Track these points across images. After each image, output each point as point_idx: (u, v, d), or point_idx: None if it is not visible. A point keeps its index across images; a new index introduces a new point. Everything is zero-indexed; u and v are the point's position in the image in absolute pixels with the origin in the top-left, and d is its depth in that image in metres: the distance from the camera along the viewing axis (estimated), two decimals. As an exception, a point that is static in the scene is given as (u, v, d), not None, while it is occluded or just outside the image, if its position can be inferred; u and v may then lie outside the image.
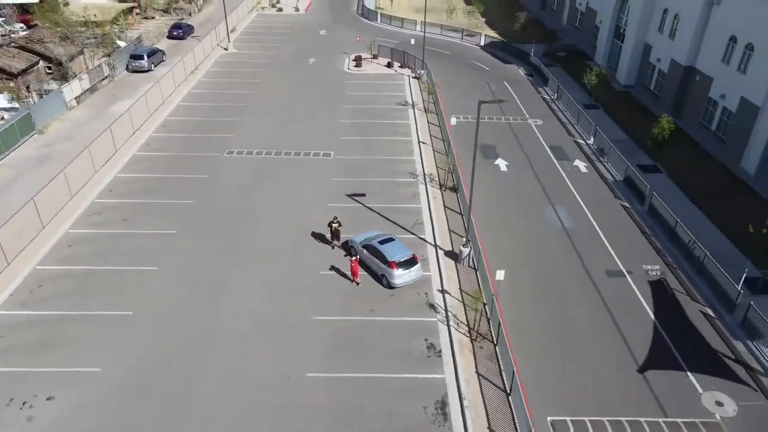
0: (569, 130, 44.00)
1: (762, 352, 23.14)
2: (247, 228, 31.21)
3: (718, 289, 26.20)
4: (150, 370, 22.17)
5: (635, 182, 34.77)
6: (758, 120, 35.86)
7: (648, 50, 48.95)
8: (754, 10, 36.24)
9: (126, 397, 20.94)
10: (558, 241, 30.65)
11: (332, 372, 22.21)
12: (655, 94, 47.88)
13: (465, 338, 23.82)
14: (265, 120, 44.77)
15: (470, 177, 28.02)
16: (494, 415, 20.41)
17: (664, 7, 46.22)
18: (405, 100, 48.99)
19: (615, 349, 23.63)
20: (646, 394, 21.51)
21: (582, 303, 26.14)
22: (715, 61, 40.34)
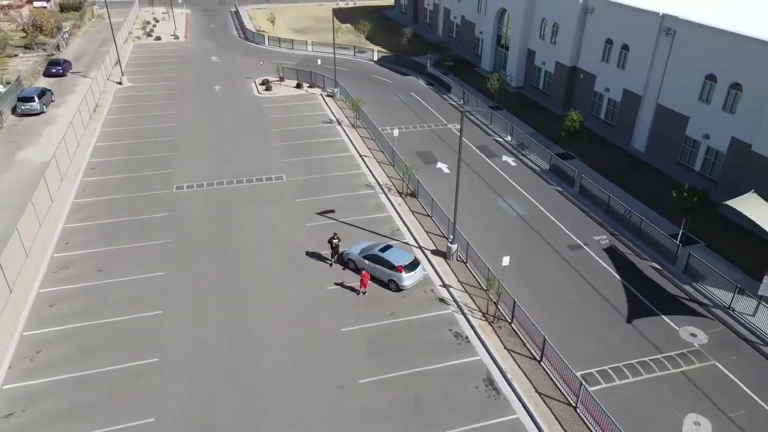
0: (485, 130, 48.96)
1: (705, 290, 28.88)
2: (237, 259, 31.24)
3: (657, 246, 31.89)
4: (206, 410, 22.06)
5: (562, 169, 40.25)
6: (641, 107, 43.37)
7: (532, 55, 55.91)
8: (624, 17, 43.75)
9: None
10: (518, 227, 34.76)
11: (380, 374, 23.79)
12: (544, 92, 54.85)
13: (482, 322, 26.66)
14: (200, 151, 44.00)
15: (427, 182, 31.00)
16: (536, 381, 23.45)
17: (542, 18, 53.30)
18: (329, 118, 50.84)
19: (601, 307, 27.95)
20: (639, 338, 25.97)
21: (560, 274, 30.25)
22: (596, 61, 47.69)
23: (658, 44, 40.76)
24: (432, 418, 21.80)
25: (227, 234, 33.51)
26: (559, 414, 21.89)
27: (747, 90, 34.59)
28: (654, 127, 42.40)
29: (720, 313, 27.51)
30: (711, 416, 22.03)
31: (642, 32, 42.00)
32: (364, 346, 25.29)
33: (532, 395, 22.74)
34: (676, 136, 40.38)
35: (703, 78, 37.51)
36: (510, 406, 22.43)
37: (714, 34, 36.21)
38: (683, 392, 23.11)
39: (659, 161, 42.02)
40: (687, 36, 38.34)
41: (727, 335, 26.20)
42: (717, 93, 36.69)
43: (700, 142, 38.59)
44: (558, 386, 23.13)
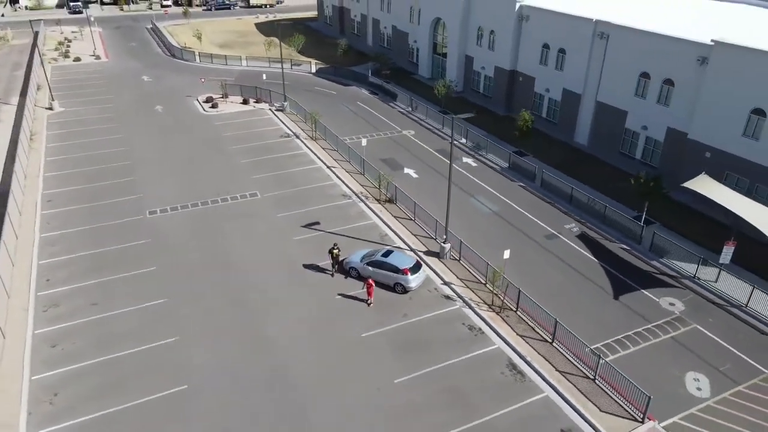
0: (440, 134, 51.22)
1: (672, 264, 32.47)
2: (236, 278, 31.09)
3: (623, 229, 35.32)
4: (253, 428, 22.14)
5: (521, 165, 43.19)
6: (581, 105, 47.42)
7: (470, 61, 59.06)
8: (558, 24, 47.63)
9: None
10: (495, 222, 37.05)
11: (412, 372, 24.92)
12: (486, 95, 58.11)
13: (490, 313, 28.45)
14: (163, 174, 42.81)
15: (404, 189, 32.61)
16: (553, 361, 25.52)
17: (478, 26, 56.56)
18: (286, 132, 51.01)
19: (588, 288, 30.69)
20: (628, 312, 28.86)
21: (544, 262, 32.75)
22: (534, 64, 51.40)
23: (593, 47, 44.87)
24: (473, 405, 23.26)
25: (218, 255, 33.17)
26: (582, 387, 24.07)
27: (678, 85, 39.10)
28: (595, 122, 46.53)
29: (688, 282, 31.09)
30: (705, 372, 25.13)
31: (577, 37, 46.01)
32: (389, 348, 26.29)
33: (553, 374, 24.79)
34: (617, 129, 44.61)
35: (638, 76, 41.84)
36: (537, 386, 24.35)
37: (645, 36, 40.58)
38: (677, 354, 26.10)
39: (602, 153, 46.14)
40: (620, 39, 42.58)
41: (698, 301, 29.73)
42: (651, 88, 41.09)
43: (639, 133, 42.95)
44: (574, 363, 25.36)
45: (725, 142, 36.16)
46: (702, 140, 37.60)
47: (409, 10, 67.62)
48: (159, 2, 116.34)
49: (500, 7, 53.05)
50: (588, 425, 22.44)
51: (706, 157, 37.39)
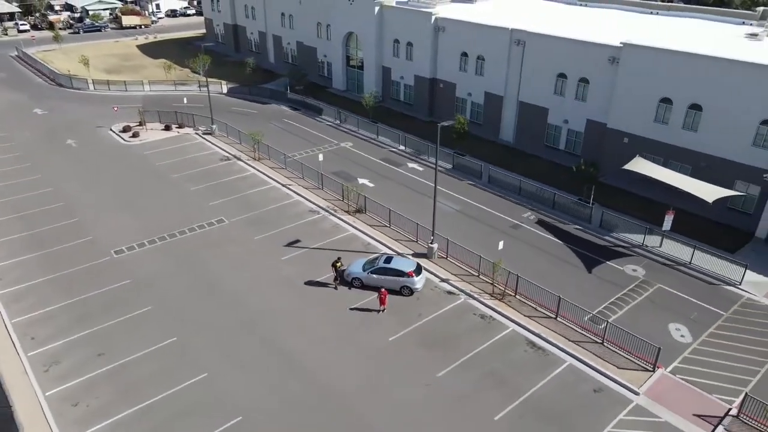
0: (377, 144, 53.13)
1: (621, 236, 37.40)
2: (241, 305, 30.73)
3: (572, 212, 39.85)
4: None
5: (467, 165, 46.55)
6: (504, 105, 52.09)
7: (388, 71, 61.78)
8: (475, 34, 51.91)
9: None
10: (461, 219, 39.79)
11: (449, 365, 26.69)
12: (407, 103, 61.11)
13: (495, 301, 31.03)
14: (110, 211, 40.29)
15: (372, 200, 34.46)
16: (564, 334, 28.64)
17: (394, 38, 59.46)
18: (225, 155, 49.93)
19: (564, 266, 34.45)
20: (603, 281, 32.96)
21: (517, 249, 36.00)
22: (454, 71, 55.32)
23: (511, 53, 49.63)
24: (514, 383, 25.60)
25: (211, 285, 32.35)
26: (596, 352, 27.42)
27: (593, 82, 44.80)
28: (519, 120, 51.38)
29: (639, 250, 36.13)
30: (681, 321, 29.74)
31: (495, 44, 50.54)
32: (419, 347, 27.80)
33: (569, 344, 27.91)
34: (540, 125, 49.72)
35: (555, 76, 47.14)
36: (558, 357, 27.29)
37: (560, 41, 45.93)
38: (654, 311, 30.51)
39: (529, 147, 51.07)
40: (536, 44, 47.64)
41: (653, 265, 34.75)
42: (569, 87, 46.54)
43: (561, 127, 48.33)
44: (581, 333, 28.70)
45: (640, 128, 42.21)
46: (620, 128, 43.48)
47: (317, 26, 68.86)
48: (15, 27, 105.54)
49: (416, 21, 56.39)
50: (613, 381, 25.78)
51: (624, 143, 43.29)
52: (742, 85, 36.38)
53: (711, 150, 38.77)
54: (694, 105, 39.01)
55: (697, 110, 39.00)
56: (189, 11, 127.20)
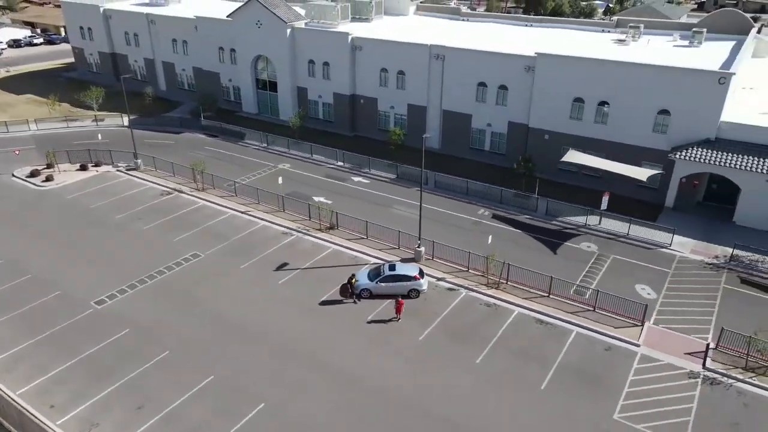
0: (313, 162, 54.04)
1: (565, 220, 42.87)
2: (262, 335, 30.77)
3: (520, 204, 44.67)
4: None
5: (410, 173, 49.59)
6: (428, 115, 56.12)
7: (304, 91, 62.86)
8: (393, 51, 55.34)
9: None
10: (426, 222, 42.50)
11: (482, 350, 29.47)
12: (328, 121, 62.67)
13: (492, 290, 34.30)
14: (66, 260, 37.26)
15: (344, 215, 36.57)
16: (560, 308, 32.68)
17: (309, 59, 60.81)
18: (164, 190, 47.68)
19: (531, 251, 38.81)
20: (569, 260, 37.82)
21: (486, 242, 39.39)
22: (374, 87, 58.19)
23: (432, 67, 53.78)
24: (541, 356, 29.06)
25: (221, 319, 31.76)
26: (592, 318, 31.85)
27: (512, 89, 50.39)
28: (444, 127, 55.68)
29: (584, 230, 41.82)
30: (642, 282, 35.39)
31: (414, 60, 54.36)
32: (448, 340, 30.17)
33: (569, 316, 32.04)
34: (464, 130, 54.44)
35: (476, 85, 52.11)
36: (565, 328, 31.27)
37: (478, 54, 50.97)
38: (619, 277, 35.86)
39: (455, 151, 55.53)
40: (455, 58, 52.25)
41: (600, 240, 40.50)
42: (489, 94, 51.74)
43: (485, 130, 53.45)
44: (574, 305, 33.01)
45: (558, 125, 48.48)
46: (540, 127, 49.46)
47: (218, 50, 67.69)
48: None
49: (332, 41, 58.41)
50: (616, 340, 30.31)
51: (545, 139, 49.38)
52: (641, 82, 43.78)
53: (619, 138, 45.92)
54: (603, 102, 45.97)
55: (605, 106, 46.03)
56: (36, 40, 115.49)
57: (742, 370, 28.08)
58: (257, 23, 61.69)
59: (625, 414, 25.60)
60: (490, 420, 25.34)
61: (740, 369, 28.12)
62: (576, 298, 33.58)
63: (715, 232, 41.23)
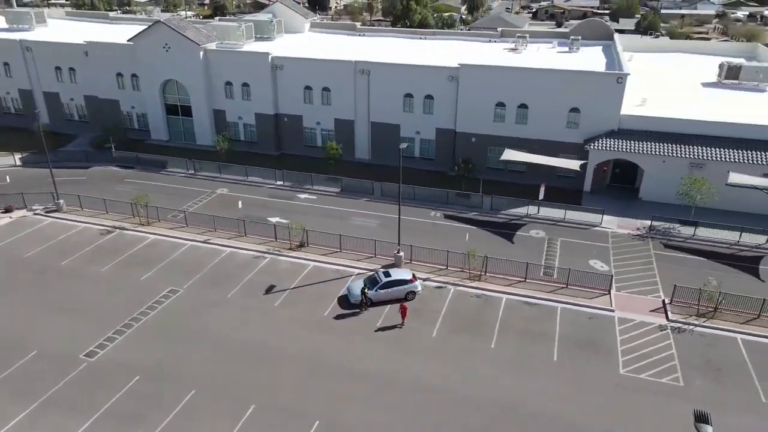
0: (250, 184, 53.26)
1: (509, 212, 47.38)
2: (289, 359, 30.90)
3: (467, 204, 48.40)
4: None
5: (356, 185, 51.16)
6: (356, 128, 58.08)
7: (222, 114, 61.42)
8: (317, 68, 56.56)
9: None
10: (387, 229, 44.27)
11: (492, 338, 32.25)
12: (249, 141, 61.78)
13: (475, 282, 37.30)
14: (27, 317, 33.75)
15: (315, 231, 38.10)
16: (539, 289, 36.58)
17: (226, 81, 59.66)
18: (103, 229, 44.27)
19: (493, 242, 42.53)
20: (526, 246, 42.14)
21: (448, 240, 42.49)
22: (298, 104, 58.83)
23: (357, 82, 55.86)
24: (542, 332, 32.70)
25: (234, 350, 31.26)
26: (569, 293, 36.17)
27: (437, 98, 54.19)
28: (373, 138, 57.99)
29: (527, 219, 46.63)
30: (593, 258, 40.65)
31: (339, 76, 56.07)
32: (458, 334, 32.63)
33: (549, 295, 36.07)
34: (394, 140, 57.10)
35: (403, 96, 55.17)
36: (549, 305, 35.23)
37: (403, 68, 54.11)
38: (573, 256, 40.81)
39: (386, 160, 57.90)
40: (380, 72, 54.86)
41: (545, 226, 45.49)
42: (416, 104, 55.11)
43: (415, 138, 56.68)
44: (548, 284, 37.13)
45: (483, 128, 53.16)
46: (467, 131, 53.83)
47: (116, 77, 63.55)
48: None
49: (250, 62, 58.02)
50: (594, 309, 34.86)
51: (472, 142, 53.86)
52: (554, 85, 49.83)
53: (538, 136, 51.66)
54: (522, 105, 51.45)
55: (524, 108, 51.54)
56: None
57: (696, 317, 34.02)
58: (165, 47, 59.23)
59: (628, 368, 29.96)
60: (528, 396, 28.15)
61: (694, 316, 34.04)
62: (548, 279, 37.82)
63: (628, 208, 48.28)
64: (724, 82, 63.36)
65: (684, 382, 29.01)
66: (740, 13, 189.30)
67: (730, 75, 63.64)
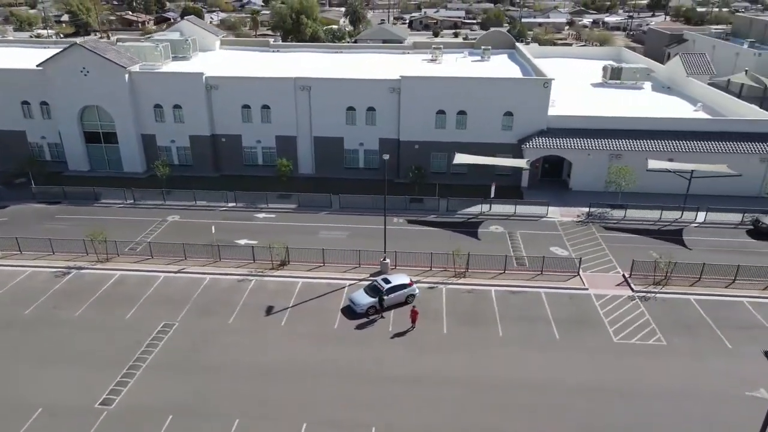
0: (200, 209, 51.39)
1: (465, 212, 50.62)
2: (320, 375, 31.13)
3: (425, 208, 50.84)
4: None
5: (314, 200, 51.55)
6: (298, 143, 58.32)
7: (152, 138, 58.36)
8: (254, 87, 56.07)
9: None
10: (356, 238, 45.54)
11: (496, 327, 34.83)
12: (184, 165, 59.25)
13: (462, 279, 39.80)
14: (31, 374, 30.66)
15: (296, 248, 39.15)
16: (519, 277, 39.91)
17: (155, 104, 56.86)
18: (56, 271, 40.62)
19: (462, 242, 45.22)
20: (491, 241, 45.51)
21: (418, 243, 44.60)
22: (237, 123, 57.75)
23: (298, 98, 56.21)
24: (538, 316, 36.06)
25: (261, 371, 30.99)
26: (544, 279, 39.93)
27: (379, 109, 56.19)
28: (317, 152, 58.56)
29: (483, 216, 50.18)
30: (553, 245, 44.99)
31: (279, 93, 56.06)
32: (466, 326, 34.91)
33: (530, 282, 39.59)
34: (338, 152, 58.29)
35: (345, 110, 56.49)
36: (534, 292, 38.73)
37: (345, 82, 55.53)
38: (535, 245, 44.82)
39: (330, 173, 58.88)
40: (322, 88, 55.70)
41: (501, 222, 49.29)
42: (359, 116, 56.65)
43: (358, 149, 58.20)
44: (525, 273, 40.64)
45: (426, 135, 56.14)
46: (410, 139, 56.48)
47: (21, 105, 57.87)
48: None
49: (182, 83, 55.98)
50: (571, 289, 38.92)
51: (416, 149, 56.59)
52: (489, 92, 54.10)
53: (477, 139, 55.65)
54: (461, 111, 55.17)
55: (463, 115, 55.29)
56: None
57: (653, 285, 39.35)
58: (83, 71, 55.20)
59: (619, 336, 34.14)
60: (556, 371, 31.10)
61: (652, 285, 39.35)
62: (523, 269, 41.39)
63: (563, 199, 53.81)
64: (609, 82, 72.49)
65: (666, 341, 33.77)
66: (585, 20, 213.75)
67: (614, 76, 73.05)
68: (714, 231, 47.72)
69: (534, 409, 28.50)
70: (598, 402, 29.00)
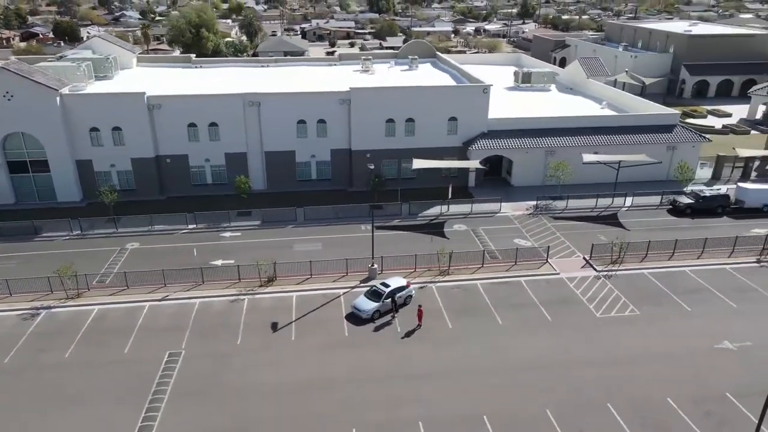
0: (161, 233, 49.17)
1: (426, 214, 53.07)
2: (351, 383, 31.88)
3: (391, 213, 52.58)
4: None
5: (277, 214, 51.35)
6: (249, 159, 57.62)
7: (89, 164, 54.63)
8: (200, 105, 54.69)
9: None
10: (334, 248, 46.35)
11: (494, 316, 37.46)
12: (128, 189, 56.05)
13: (447, 276, 42.13)
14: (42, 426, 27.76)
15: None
16: (498, 270, 42.99)
17: (91, 127, 53.37)
18: (23, 313, 37.19)
19: (434, 239, 47.68)
20: (459, 239, 48.35)
21: (395, 245, 46.44)
22: (183, 143, 55.83)
23: (247, 113, 55.61)
24: (526, 302, 39.34)
25: (291, 388, 31.13)
26: (519, 268, 43.36)
27: (330, 121, 57.11)
28: (268, 167, 58.14)
29: (443, 217, 52.97)
30: (516, 237, 48.72)
31: (227, 110, 55.15)
32: (470, 321, 37.27)
33: (508, 272, 42.82)
34: (289, 166, 58.33)
35: (296, 123, 56.75)
36: (516, 281, 42.04)
37: (295, 96, 55.89)
38: (500, 239, 48.31)
39: (282, 187, 58.70)
40: (271, 103, 55.56)
41: (462, 220, 52.32)
42: (309, 129, 57.18)
43: (310, 161, 58.68)
44: (502, 265, 43.86)
45: (377, 143, 57.97)
46: (362, 148, 58.00)
47: (-71, 136, 51.77)
48: None
49: (122, 104, 53.16)
50: (546, 275, 42.72)
51: (368, 157, 58.18)
52: (433, 100, 57.15)
53: (425, 144, 58.47)
54: (409, 119, 57.70)
55: (411, 122, 57.84)
56: None
57: (611, 264, 44.26)
58: (6, 95, 50.64)
59: (599, 311, 38.30)
60: (562, 348, 34.34)
61: (611, 264, 44.26)
62: (497, 261, 44.63)
63: (508, 194, 58.17)
64: (521, 85, 79.10)
65: (638, 311, 38.41)
66: (469, 28, 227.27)
67: (525, 80, 79.85)
68: (641, 213, 54.26)
69: (558, 384, 31.38)
70: (607, 372, 32.51)
